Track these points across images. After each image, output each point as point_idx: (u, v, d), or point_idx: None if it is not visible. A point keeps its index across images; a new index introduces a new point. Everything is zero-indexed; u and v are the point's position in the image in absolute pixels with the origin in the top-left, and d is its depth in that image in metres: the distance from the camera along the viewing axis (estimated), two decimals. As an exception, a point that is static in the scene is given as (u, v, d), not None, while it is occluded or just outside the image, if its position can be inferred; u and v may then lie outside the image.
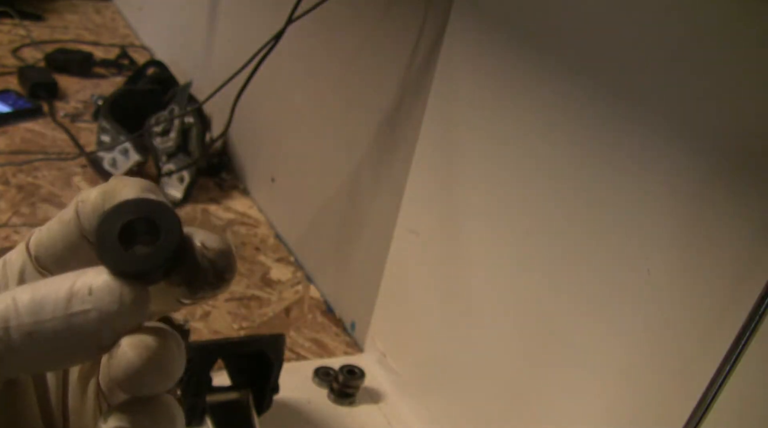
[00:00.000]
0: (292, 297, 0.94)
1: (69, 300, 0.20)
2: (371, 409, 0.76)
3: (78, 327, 0.20)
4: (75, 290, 0.20)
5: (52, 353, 0.21)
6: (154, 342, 0.21)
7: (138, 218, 0.21)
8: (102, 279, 0.20)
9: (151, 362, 0.20)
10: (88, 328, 0.20)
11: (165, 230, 0.21)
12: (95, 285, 0.20)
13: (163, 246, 0.21)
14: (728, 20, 0.45)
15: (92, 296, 0.20)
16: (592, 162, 0.54)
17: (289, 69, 1.01)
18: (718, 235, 0.46)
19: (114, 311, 0.20)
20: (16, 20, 1.60)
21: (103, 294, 0.20)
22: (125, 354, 0.20)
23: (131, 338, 0.20)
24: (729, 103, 0.45)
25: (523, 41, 0.60)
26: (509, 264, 0.63)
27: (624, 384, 0.53)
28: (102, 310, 0.20)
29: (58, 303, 0.20)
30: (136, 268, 0.20)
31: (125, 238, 0.21)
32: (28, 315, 0.20)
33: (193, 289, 0.22)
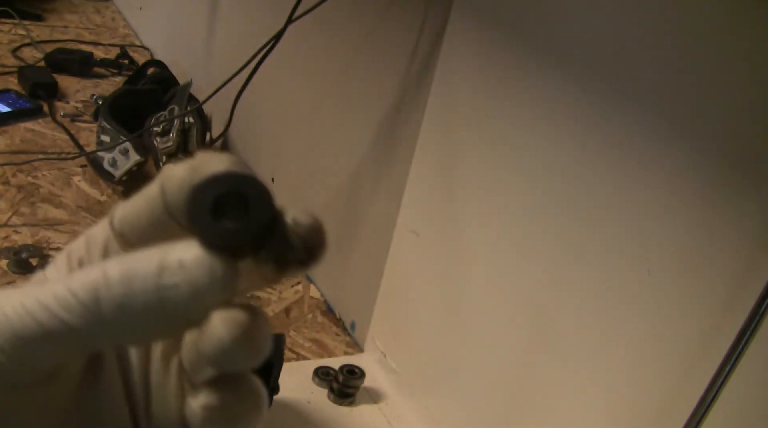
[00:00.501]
0: (292, 297, 0.94)
1: (160, 273, 0.20)
2: (371, 409, 0.76)
3: (169, 300, 0.20)
4: (166, 263, 0.20)
5: (141, 326, 0.20)
6: (245, 317, 0.20)
7: (229, 191, 0.21)
8: (193, 252, 0.20)
9: (242, 338, 0.20)
10: (179, 302, 0.20)
11: (256, 204, 0.21)
12: (186, 259, 0.20)
13: (254, 219, 0.20)
14: (730, 20, 0.45)
15: (183, 269, 0.20)
16: (592, 161, 0.54)
17: (289, 69, 1.01)
18: (718, 235, 0.46)
19: (205, 285, 0.20)
20: (16, 20, 1.60)
21: (194, 267, 0.20)
22: (216, 329, 0.20)
23: (222, 313, 0.20)
24: (729, 103, 0.45)
25: (523, 41, 0.60)
26: (509, 264, 0.63)
27: (624, 384, 0.53)
28: (193, 284, 0.20)
29: (149, 275, 0.20)
30: (228, 241, 0.20)
31: (216, 212, 0.20)
32: (119, 286, 0.20)
33: (281, 266, 0.22)
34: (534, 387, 0.61)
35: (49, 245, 0.91)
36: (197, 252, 0.20)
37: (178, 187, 0.22)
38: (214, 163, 0.22)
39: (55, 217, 0.98)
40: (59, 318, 0.20)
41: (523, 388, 0.63)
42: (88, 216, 1.00)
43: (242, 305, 0.21)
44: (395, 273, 0.80)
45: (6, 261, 0.85)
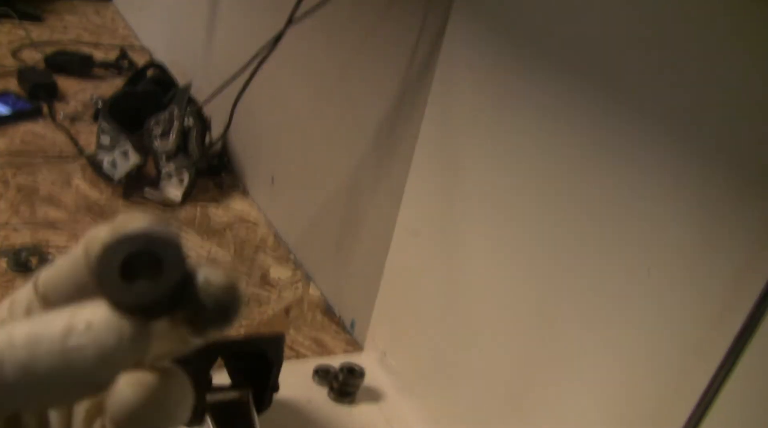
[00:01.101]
0: (292, 296, 0.94)
1: (66, 334, 0.19)
2: (371, 408, 0.76)
3: (74, 362, 0.19)
4: (72, 324, 0.19)
5: (48, 389, 0.20)
6: (154, 380, 0.20)
7: (140, 251, 0.20)
8: (101, 313, 0.19)
9: (149, 401, 0.19)
10: (85, 364, 0.19)
11: (168, 264, 0.20)
12: (94, 320, 0.19)
13: (165, 280, 0.20)
14: (730, 24, 0.45)
15: (90, 330, 0.19)
16: (592, 163, 0.55)
17: (289, 70, 1.01)
18: (717, 236, 0.46)
19: (112, 346, 0.19)
20: (16, 21, 1.60)
21: (101, 328, 0.19)
22: (122, 392, 0.19)
23: (129, 376, 0.19)
24: (729, 104, 0.45)
25: (523, 42, 0.60)
26: (508, 264, 0.64)
27: (624, 383, 0.53)
28: (100, 345, 0.19)
29: (55, 337, 0.19)
30: (136, 301, 0.19)
31: (128, 272, 0.20)
32: (23, 349, 0.19)
33: (196, 327, 0.21)
34: (534, 387, 0.61)
35: (48, 245, 0.91)
36: (105, 313, 0.19)
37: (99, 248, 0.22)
38: (133, 222, 0.22)
39: (55, 218, 0.98)
40: None
41: (522, 387, 0.63)
42: (88, 217, 1.00)
43: (156, 368, 0.20)
44: (395, 273, 0.80)
45: (5, 261, 0.85)
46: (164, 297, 0.20)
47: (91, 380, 0.20)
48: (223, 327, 0.21)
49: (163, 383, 0.20)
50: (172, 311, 0.20)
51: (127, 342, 0.19)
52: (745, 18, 0.44)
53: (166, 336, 0.21)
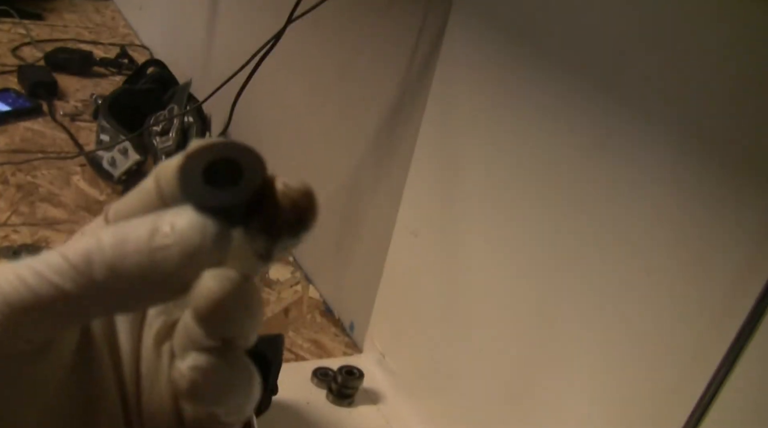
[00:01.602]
0: (291, 297, 0.94)
1: (152, 235, 0.20)
2: (370, 410, 0.76)
3: (160, 261, 0.20)
4: (157, 226, 0.20)
5: (134, 288, 0.20)
6: (237, 275, 0.20)
7: (221, 159, 0.21)
8: (185, 215, 0.20)
9: (232, 294, 0.20)
10: (171, 263, 0.20)
11: (248, 169, 0.21)
12: (178, 221, 0.20)
13: (246, 183, 0.21)
14: (730, 23, 0.45)
15: (174, 231, 0.20)
16: (591, 163, 0.54)
17: (289, 69, 1.01)
18: (716, 236, 0.46)
19: (196, 246, 0.20)
20: (16, 19, 1.60)
21: (185, 228, 0.20)
22: (207, 284, 0.20)
23: (213, 271, 0.20)
24: (728, 103, 0.45)
25: (523, 42, 0.60)
26: (508, 265, 0.63)
27: (623, 384, 0.53)
28: (184, 245, 0.20)
29: (141, 238, 0.20)
30: (219, 203, 0.20)
31: (208, 178, 0.21)
32: (111, 249, 0.20)
33: (273, 235, 0.22)
34: (533, 388, 0.61)
35: (48, 244, 0.90)
36: (189, 215, 0.20)
37: (172, 176, 0.22)
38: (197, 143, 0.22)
39: (55, 216, 0.98)
40: (50, 282, 0.20)
41: (522, 389, 0.62)
42: (87, 216, 0.99)
43: (235, 270, 0.21)
44: (394, 274, 0.80)
45: (5, 261, 0.85)
46: (245, 199, 0.21)
47: (175, 278, 0.20)
48: (298, 233, 0.22)
49: (245, 278, 0.21)
50: (253, 214, 0.21)
51: (209, 241, 0.20)
52: (746, 16, 0.44)
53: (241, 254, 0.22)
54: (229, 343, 0.21)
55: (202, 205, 0.20)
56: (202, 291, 0.20)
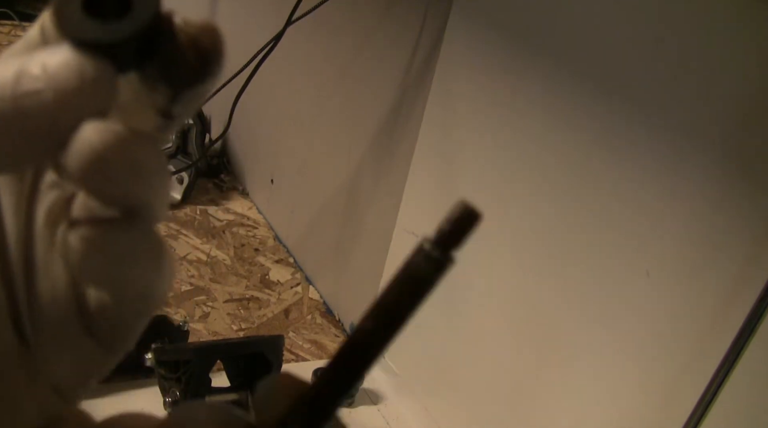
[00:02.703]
0: (292, 298, 0.94)
1: (18, 78, 0.16)
2: (370, 410, 0.76)
3: (27, 108, 0.16)
4: (25, 67, 0.17)
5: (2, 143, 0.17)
6: (123, 129, 0.17)
7: None
8: (60, 53, 0.17)
9: (115, 147, 0.17)
10: (42, 111, 0.17)
11: (137, 1, 0.17)
12: (51, 61, 0.17)
13: (136, 14, 0.17)
14: (730, 22, 0.45)
15: (46, 72, 0.16)
16: (591, 163, 0.54)
17: (289, 70, 1.01)
18: (716, 237, 0.46)
19: (72, 88, 0.16)
20: (16, 21, 1.60)
21: (59, 68, 0.16)
22: (83, 135, 0.17)
23: (96, 122, 0.17)
24: (729, 103, 0.45)
25: (522, 42, 0.60)
26: (508, 266, 0.63)
27: (623, 384, 0.53)
28: (57, 88, 0.16)
29: (6, 83, 0.16)
30: (102, 36, 0.16)
31: (91, 11, 0.17)
32: None
33: (172, 83, 0.18)
34: (533, 389, 0.61)
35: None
36: (65, 53, 0.17)
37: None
38: None
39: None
40: None
41: (522, 390, 0.62)
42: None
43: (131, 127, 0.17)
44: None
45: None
46: (134, 32, 0.17)
47: (49, 131, 0.17)
48: (202, 77, 0.18)
49: (133, 133, 0.17)
50: (146, 56, 0.18)
51: (89, 83, 0.17)
52: (746, 16, 0.44)
53: (138, 107, 0.18)
54: (131, 214, 0.18)
55: (81, 40, 0.17)
56: (77, 143, 0.17)
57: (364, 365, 0.20)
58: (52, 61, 0.17)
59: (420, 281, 0.20)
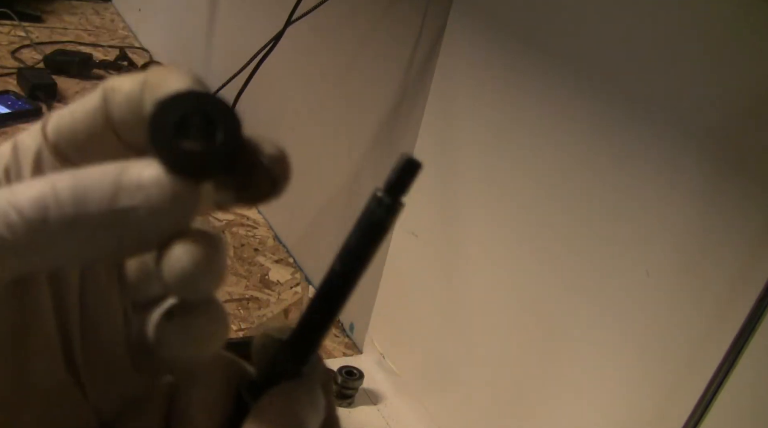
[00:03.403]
0: (291, 298, 0.94)
1: (116, 192, 0.19)
2: (370, 410, 0.76)
3: (124, 221, 0.19)
4: (123, 182, 0.19)
5: (92, 247, 0.19)
6: (207, 246, 0.19)
7: (194, 111, 0.19)
8: (153, 172, 0.19)
9: (205, 266, 0.19)
10: (135, 224, 0.19)
11: (225, 128, 0.19)
12: (145, 179, 0.19)
13: (224, 144, 0.19)
14: (731, 20, 0.45)
15: (142, 191, 0.19)
16: (591, 163, 0.54)
17: (289, 70, 1.01)
18: (716, 236, 0.46)
19: (165, 208, 0.19)
20: (15, 21, 1.60)
21: (155, 189, 0.19)
22: (180, 261, 0.19)
23: (184, 243, 0.19)
24: (729, 103, 0.45)
25: (522, 41, 0.60)
26: (507, 266, 0.63)
27: (623, 384, 0.53)
28: (152, 207, 0.19)
29: (104, 194, 0.18)
30: (192, 165, 0.19)
31: (179, 132, 0.19)
32: (71, 204, 0.18)
33: (241, 195, 0.21)
34: (533, 388, 0.61)
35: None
36: (158, 173, 0.19)
37: (125, 101, 0.21)
38: (172, 80, 0.21)
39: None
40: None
41: (521, 389, 0.62)
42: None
43: (201, 231, 0.20)
44: (394, 275, 0.80)
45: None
46: (222, 162, 0.19)
47: (138, 239, 0.19)
48: (268, 198, 0.21)
49: (213, 246, 0.20)
50: (224, 174, 0.20)
51: (180, 204, 0.19)
52: (747, 16, 0.44)
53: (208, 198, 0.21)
54: (209, 299, 0.21)
55: (174, 164, 0.19)
56: (170, 262, 0.19)
57: (337, 303, 0.24)
58: (146, 180, 0.19)
59: (376, 224, 0.23)
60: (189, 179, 0.19)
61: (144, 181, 0.19)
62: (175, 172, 0.19)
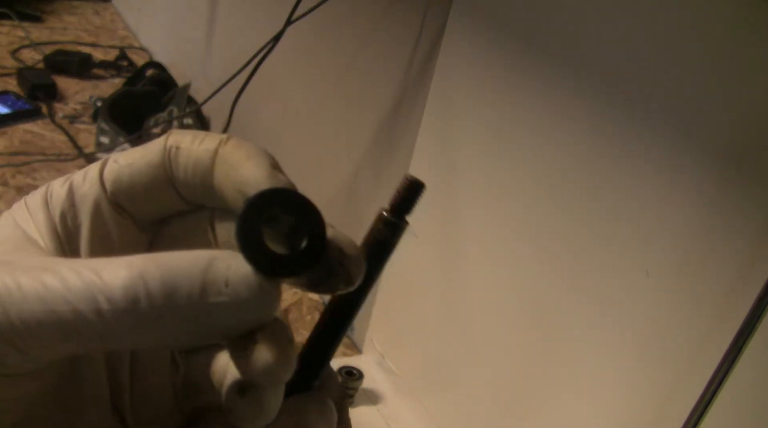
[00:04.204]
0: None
1: (204, 288, 0.19)
2: (370, 410, 0.76)
3: (209, 316, 0.19)
4: (210, 279, 0.19)
5: (175, 335, 0.20)
6: (284, 341, 0.20)
7: (283, 213, 0.20)
8: (242, 271, 0.20)
9: (284, 361, 0.20)
10: (220, 319, 0.20)
11: (311, 231, 0.20)
12: (234, 277, 0.19)
13: (309, 250, 0.20)
14: (731, 21, 0.45)
15: (229, 288, 0.19)
16: (591, 163, 0.54)
17: (289, 70, 1.01)
18: (716, 237, 0.46)
19: (251, 307, 0.20)
20: (15, 21, 1.60)
21: (242, 287, 0.19)
22: (265, 358, 0.20)
23: (267, 340, 0.20)
24: (729, 103, 0.45)
25: (522, 41, 0.60)
26: (508, 266, 0.63)
27: (623, 384, 0.53)
28: (238, 305, 0.19)
29: (193, 289, 0.19)
30: (280, 270, 0.20)
31: (266, 233, 0.20)
32: (161, 297, 0.19)
33: (316, 288, 0.22)
34: (533, 389, 0.61)
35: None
36: (246, 272, 0.20)
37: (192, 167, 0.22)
38: (250, 165, 0.22)
39: (54, 218, 0.98)
40: (84, 316, 0.19)
41: (521, 389, 0.62)
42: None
43: (278, 324, 0.21)
44: (394, 275, 0.80)
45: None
46: (306, 267, 0.20)
47: (220, 333, 0.20)
48: (340, 291, 0.22)
49: (288, 340, 0.21)
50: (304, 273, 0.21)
51: (265, 303, 0.20)
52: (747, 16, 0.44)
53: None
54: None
55: (261, 266, 0.20)
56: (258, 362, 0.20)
57: (344, 320, 0.24)
58: (235, 277, 0.19)
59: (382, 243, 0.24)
60: (274, 280, 0.20)
61: (232, 278, 0.19)
62: (262, 272, 0.20)
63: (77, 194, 0.23)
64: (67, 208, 0.23)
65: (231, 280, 0.19)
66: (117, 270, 0.19)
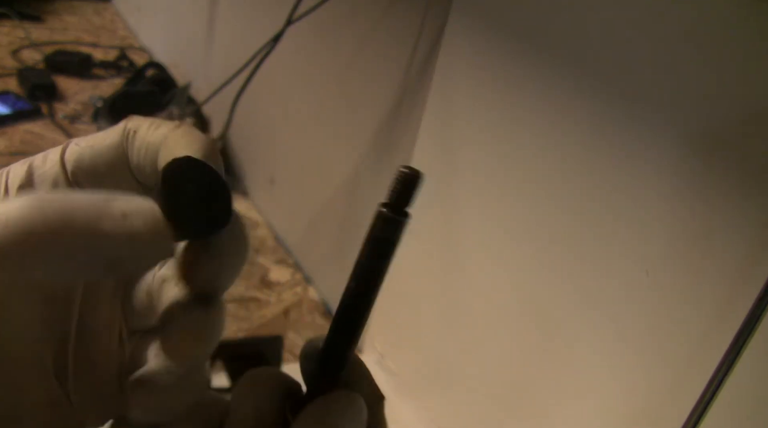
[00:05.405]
0: (291, 298, 0.94)
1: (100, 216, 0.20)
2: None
3: (106, 246, 0.20)
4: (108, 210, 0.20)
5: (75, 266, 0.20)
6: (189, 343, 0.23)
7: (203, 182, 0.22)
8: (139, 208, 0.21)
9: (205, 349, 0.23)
10: (116, 249, 0.20)
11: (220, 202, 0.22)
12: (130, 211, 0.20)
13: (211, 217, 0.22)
14: (731, 21, 0.45)
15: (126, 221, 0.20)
16: (591, 162, 0.54)
17: (289, 70, 1.01)
18: (717, 235, 0.46)
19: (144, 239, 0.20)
20: (16, 22, 1.60)
21: (138, 221, 0.20)
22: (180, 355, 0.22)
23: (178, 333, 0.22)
24: (729, 103, 0.45)
25: (523, 41, 0.60)
26: (508, 265, 0.63)
27: (623, 384, 0.53)
28: (132, 235, 0.20)
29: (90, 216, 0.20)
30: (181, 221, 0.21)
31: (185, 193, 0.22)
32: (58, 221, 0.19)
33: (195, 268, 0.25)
34: (533, 389, 0.61)
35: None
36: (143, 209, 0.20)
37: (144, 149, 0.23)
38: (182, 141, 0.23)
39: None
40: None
41: (522, 389, 0.62)
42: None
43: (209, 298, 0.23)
44: (393, 275, 0.80)
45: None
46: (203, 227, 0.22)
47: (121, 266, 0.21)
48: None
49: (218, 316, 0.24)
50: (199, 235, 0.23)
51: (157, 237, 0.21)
52: (748, 15, 0.44)
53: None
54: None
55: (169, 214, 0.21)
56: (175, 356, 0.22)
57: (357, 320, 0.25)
58: (133, 213, 0.20)
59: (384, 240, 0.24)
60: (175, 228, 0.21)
61: (130, 211, 0.20)
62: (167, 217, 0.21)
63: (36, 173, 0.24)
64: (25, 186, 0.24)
65: (128, 213, 0.20)
66: (18, 200, 0.20)
